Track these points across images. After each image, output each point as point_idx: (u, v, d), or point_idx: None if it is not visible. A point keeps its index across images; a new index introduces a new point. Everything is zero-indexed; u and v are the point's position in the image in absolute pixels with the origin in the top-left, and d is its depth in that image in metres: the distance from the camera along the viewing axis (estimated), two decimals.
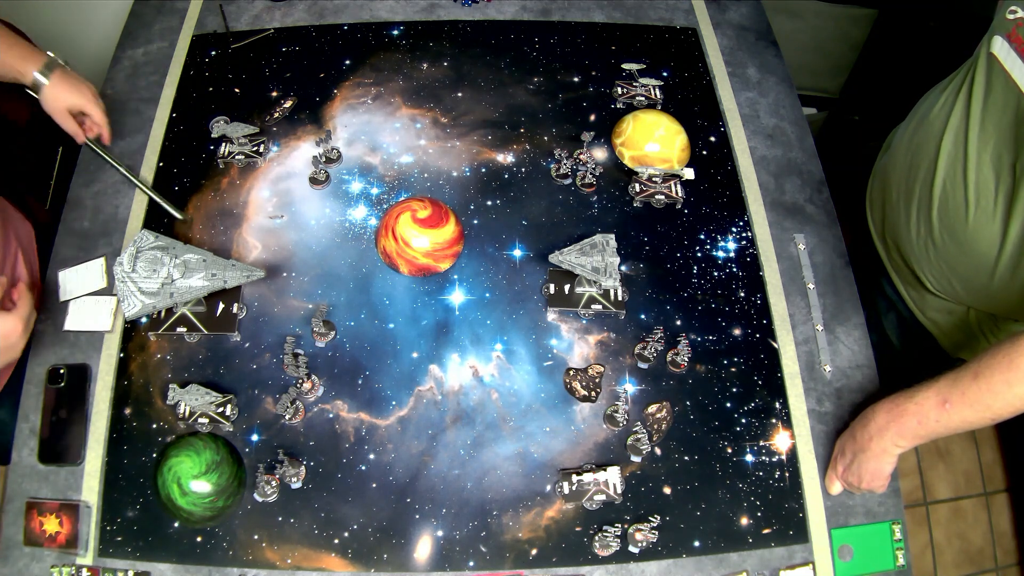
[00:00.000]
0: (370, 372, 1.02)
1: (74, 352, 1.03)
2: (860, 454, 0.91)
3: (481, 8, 1.39)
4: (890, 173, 1.07)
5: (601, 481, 0.95)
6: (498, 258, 1.12)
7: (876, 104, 1.92)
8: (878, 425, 0.88)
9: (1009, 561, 1.93)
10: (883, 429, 0.87)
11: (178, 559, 0.91)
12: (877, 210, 1.13)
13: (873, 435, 0.88)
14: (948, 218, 0.94)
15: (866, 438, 0.89)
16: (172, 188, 1.16)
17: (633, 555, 0.93)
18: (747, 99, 1.30)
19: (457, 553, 0.92)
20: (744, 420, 1.01)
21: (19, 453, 0.97)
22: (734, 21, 1.41)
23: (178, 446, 0.90)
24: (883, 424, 0.87)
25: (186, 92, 1.27)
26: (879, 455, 0.89)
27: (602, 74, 1.31)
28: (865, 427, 0.90)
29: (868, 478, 0.91)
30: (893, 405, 0.87)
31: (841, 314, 1.10)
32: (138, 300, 0.96)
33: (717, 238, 1.15)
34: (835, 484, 0.96)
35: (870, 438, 0.89)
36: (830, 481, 0.97)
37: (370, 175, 1.18)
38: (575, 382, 1.02)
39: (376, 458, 0.97)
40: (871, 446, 0.89)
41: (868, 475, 0.90)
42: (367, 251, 1.11)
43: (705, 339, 1.06)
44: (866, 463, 0.90)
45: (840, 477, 0.95)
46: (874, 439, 0.88)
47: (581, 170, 1.18)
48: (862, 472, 0.91)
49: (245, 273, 1.01)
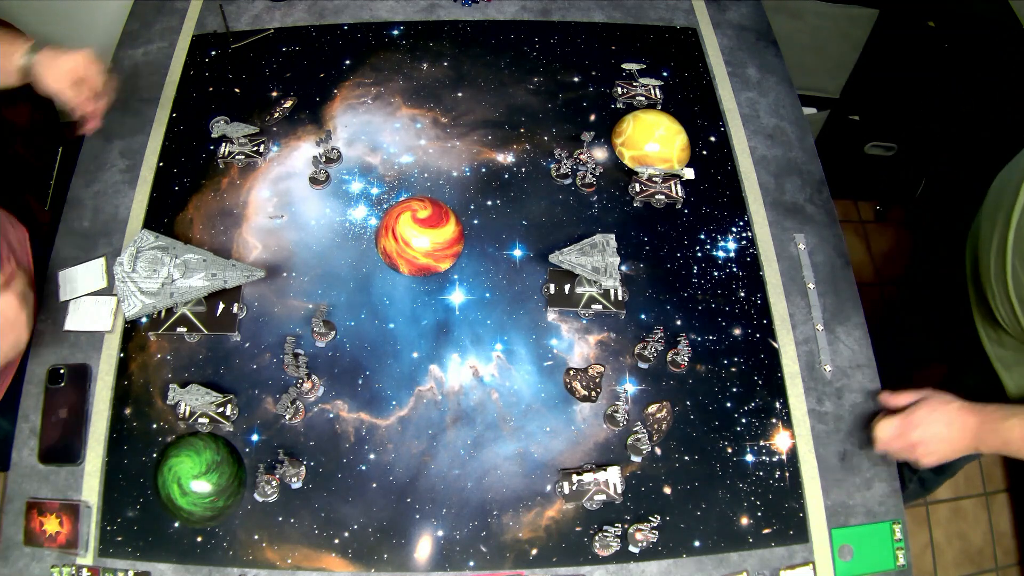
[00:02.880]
0: (370, 372, 1.02)
1: (74, 352, 1.03)
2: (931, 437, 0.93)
3: (481, 8, 1.39)
4: (985, 204, 1.08)
5: (601, 481, 0.95)
6: (498, 258, 1.12)
7: (876, 104, 1.93)
8: (967, 428, 0.92)
9: (1009, 561, 1.93)
10: (970, 435, 0.91)
11: (178, 559, 0.91)
12: (972, 252, 1.14)
13: (955, 437, 0.92)
14: (1021, 245, 0.95)
15: (944, 430, 0.92)
16: (172, 188, 1.16)
17: (633, 555, 0.93)
18: (747, 99, 1.30)
19: (457, 553, 0.92)
20: (744, 420, 1.01)
21: (19, 453, 0.97)
22: (734, 21, 1.41)
23: (178, 446, 0.90)
24: (973, 430, 0.91)
25: (186, 92, 1.27)
26: (948, 453, 0.92)
27: (602, 74, 1.31)
28: (950, 423, 0.92)
29: (922, 457, 0.94)
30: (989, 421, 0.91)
31: (841, 314, 1.10)
32: (138, 300, 0.96)
33: (717, 238, 1.15)
34: (885, 430, 0.97)
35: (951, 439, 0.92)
36: (881, 430, 0.97)
37: (370, 175, 1.18)
38: (575, 382, 1.02)
39: (376, 458, 0.97)
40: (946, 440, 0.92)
41: (926, 457, 0.94)
42: (367, 251, 1.11)
43: (705, 339, 1.06)
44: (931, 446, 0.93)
45: (896, 437, 0.96)
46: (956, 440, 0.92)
47: (581, 170, 1.18)
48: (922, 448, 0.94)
49: (245, 273, 1.01)
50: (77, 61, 1.04)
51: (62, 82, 1.04)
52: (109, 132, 1.22)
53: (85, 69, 1.05)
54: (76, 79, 1.05)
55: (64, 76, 1.04)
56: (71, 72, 1.04)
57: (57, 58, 1.04)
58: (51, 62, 1.03)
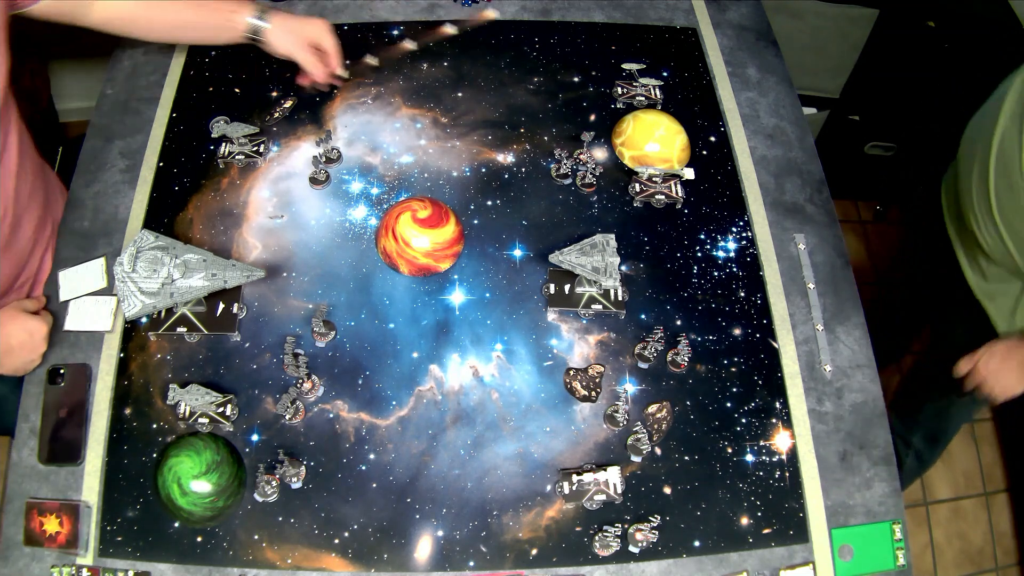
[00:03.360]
0: (370, 372, 1.02)
1: (74, 352, 1.03)
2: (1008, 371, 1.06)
3: (481, 8, 1.38)
4: (962, 146, 1.16)
5: (601, 481, 0.95)
6: (498, 258, 1.12)
7: (876, 104, 1.93)
8: None
9: (1009, 561, 1.93)
10: None
11: (178, 559, 0.91)
12: (950, 191, 1.23)
13: None
14: (1003, 165, 1.00)
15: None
16: (172, 188, 1.16)
17: (633, 555, 0.93)
18: (747, 99, 1.30)
19: (457, 553, 0.92)
20: (744, 420, 1.01)
21: (19, 453, 0.97)
22: (734, 21, 1.41)
23: (178, 446, 0.90)
24: None
25: (186, 92, 1.27)
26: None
27: (602, 74, 1.31)
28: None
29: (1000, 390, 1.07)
30: None
31: (841, 314, 1.10)
32: (138, 300, 0.96)
33: (717, 238, 1.15)
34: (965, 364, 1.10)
35: None
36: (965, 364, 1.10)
37: (370, 175, 1.18)
38: (575, 382, 1.02)
39: (376, 458, 0.97)
40: None
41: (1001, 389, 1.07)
42: (367, 251, 1.11)
43: (705, 339, 1.06)
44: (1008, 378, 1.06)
45: (980, 367, 1.08)
46: None
47: (581, 170, 1.18)
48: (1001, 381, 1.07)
49: (245, 273, 1.01)
50: (315, 28, 1.16)
51: (297, 46, 1.15)
52: (109, 132, 1.22)
53: (320, 37, 1.16)
54: (311, 44, 1.16)
55: (300, 41, 1.15)
56: (307, 38, 1.15)
57: (293, 23, 1.15)
58: (287, 26, 1.14)
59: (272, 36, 1.14)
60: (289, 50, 1.15)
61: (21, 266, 1.06)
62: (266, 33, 1.13)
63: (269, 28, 1.13)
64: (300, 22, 1.16)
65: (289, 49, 1.15)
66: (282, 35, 1.14)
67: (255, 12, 1.13)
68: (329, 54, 1.18)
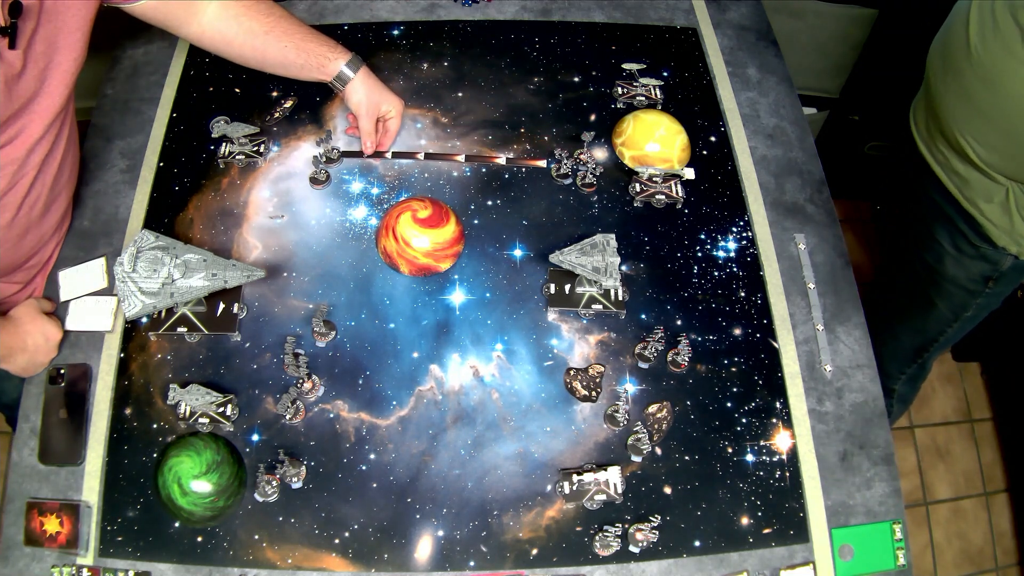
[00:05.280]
0: (370, 372, 1.02)
1: (74, 352, 1.03)
2: None
3: (481, 8, 1.39)
4: (929, 64, 1.15)
5: (601, 481, 0.95)
6: (498, 258, 1.12)
7: (876, 104, 1.92)
8: None
9: (1009, 561, 1.93)
10: None
11: (178, 559, 0.91)
12: (921, 112, 1.22)
13: None
14: (982, 68, 1.00)
15: None
16: (172, 188, 1.16)
17: (633, 555, 0.93)
18: (747, 99, 1.30)
19: (458, 553, 0.92)
20: (744, 420, 1.01)
21: (19, 453, 0.97)
22: (734, 21, 1.41)
23: (178, 446, 0.90)
24: None
25: (186, 92, 1.27)
26: None
27: (602, 74, 1.31)
28: None
29: None
30: None
31: (841, 314, 1.10)
32: (138, 300, 0.96)
33: (717, 238, 1.15)
34: None
35: None
36: None
37: (370, 175, 1.19)
38: (575, 382, 1.02)
39: (376, 458, 0.97)
40: None
41: None
42: (367, 251, 1.11)
43: (705, 339, 1.07)
44: None
45: None
46: None
47: (581, 170, 1.18)
48: None
49: (245, 273, 1.01)
50: (392, 104, 1.17)
51: (369, 109, 1.15)
52: (109, 132, 1.22)
53: (391, 115, 1.18)
54: (379, 115, 1.17)
55: (373, 107, 1.15)
56: (378, 108, 1.16)
57: (376, 86, 1.16)
58: (369, 85, 1.15)
59: (352, 89, 1.14)
60: (359, 108, 1.14)
61: (38, 249, 1.07)
62: (349, 82, 1.13)
63: (353, 79, 1.13)
64: (382, 91, 1.16)
65: (359, 107, 1.14)
66: (362, 92, 1.14)
67: (349, 62, 1.13)
68: (387, 132, 1.19)
